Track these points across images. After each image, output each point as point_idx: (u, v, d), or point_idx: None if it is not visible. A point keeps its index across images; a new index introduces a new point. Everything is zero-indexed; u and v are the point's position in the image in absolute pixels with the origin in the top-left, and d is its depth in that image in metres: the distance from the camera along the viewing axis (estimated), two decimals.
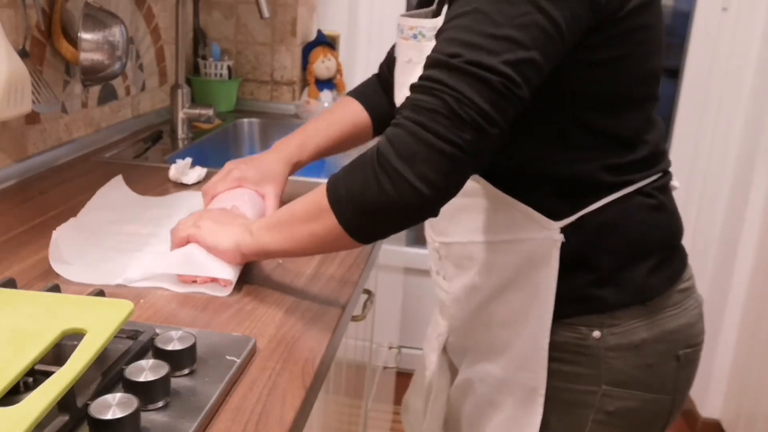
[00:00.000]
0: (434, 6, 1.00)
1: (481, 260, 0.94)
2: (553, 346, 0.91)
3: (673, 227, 0.96)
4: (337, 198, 0.80)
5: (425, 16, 0.98)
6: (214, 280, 0.93)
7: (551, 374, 0.92)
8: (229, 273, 0.93)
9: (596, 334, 0.90)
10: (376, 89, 1.24)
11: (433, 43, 0.91)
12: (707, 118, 2.20)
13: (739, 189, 2.20)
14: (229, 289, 0.93)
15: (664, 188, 0.94)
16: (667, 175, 0.95)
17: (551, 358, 0.92)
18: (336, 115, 1.22)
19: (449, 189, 0.77)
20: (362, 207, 0.78)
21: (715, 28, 2.14)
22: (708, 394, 2.29)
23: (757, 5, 2.09)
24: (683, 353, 0.95)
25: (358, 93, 1.24)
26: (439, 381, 1.10)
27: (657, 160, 0.93)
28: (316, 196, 0.83)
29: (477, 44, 0.74)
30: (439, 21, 0.90)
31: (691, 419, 2.37)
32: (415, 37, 0.93)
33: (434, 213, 0.79)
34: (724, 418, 2.27)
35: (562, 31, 0.76)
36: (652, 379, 0.93)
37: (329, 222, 0.80)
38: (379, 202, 0.76)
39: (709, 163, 2.24)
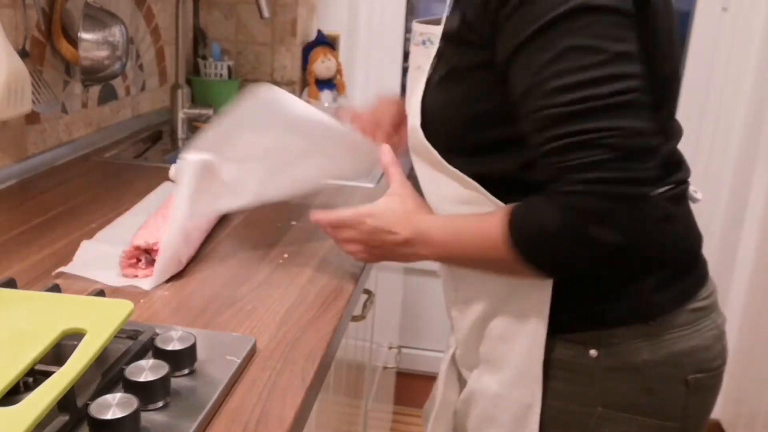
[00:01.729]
0: (447, 12, 0.98)
1: (479, 273, 0.91)
2: (549, 363, 0.87)
3: (686, 241, 0.91)
4: (535, 264, 0.80)
5: (437, 23, 0.97)
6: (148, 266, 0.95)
7: (548, 392, 0.88)
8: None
9: (593, 352, 0.86)
10: None
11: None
12: (707, 118, 2.20)
13: (739, 189, 2.20)
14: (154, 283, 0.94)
15: (677, 199, 0.89)
16: (682, 185, 0.90)
17: (548, 376, 0.88)
18: None
19: (647, 225, 0.76)
20: (566, 272, 0.82)
21: (715, 28, 2.14)
22: None
23: (757, 5, 2.09)
24: (693, 378, 0.88)
25: None
26: (445, 394, 1.08)
27: (671, 168, 0.88)
28: (497, 253, 0.81)
29: (599, 77, 0.71)
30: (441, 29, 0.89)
31: None
32: (424, 43, 0.92)
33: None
34: (724, 418, 2.27)
35: (633, 20, 0.75)
36: (654, 404, 0.88)
37: (520, 271, 0.81)
38: (586, 266, 0.80)
39: (709, 163, 2.24)
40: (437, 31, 0.90)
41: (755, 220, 2.17)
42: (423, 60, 0.92)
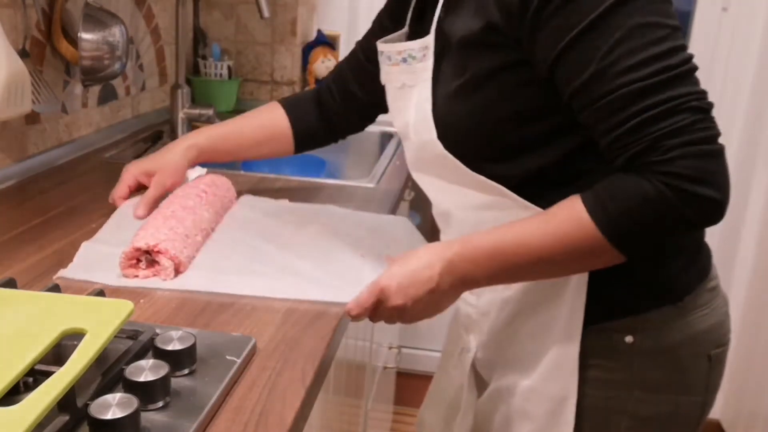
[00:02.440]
0: (405, 28, 0.99)
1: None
2: (585, 353, 0.89)
3: None
4: (630, 245, 0.78)
5: (401, 39, 0.97)
6: (155, 271, 0.95)
7: (585, 382, 0.90)
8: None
9: (629, 338, 0.88)
10: (310, 105, 1.23)
11: (424, 63, 0.90)
12: None
13: (739, 189, 2.19)
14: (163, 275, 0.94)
15: None
16: None
17: (584, 366, 0.90)
18: (255, 118, 1.22)
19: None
20: (662, 239, 0.82)
21: (715, 28, 2.14)
22: None
23: (757, 5, 2.09)
24: (714, 353, 0.93)
25: (290, 104, 1.23)
26: (468, 398, 1.08)
27: None
28: (587, 247, 0.79)
29: (666, 50, 0.75)
30: (429, 41, 0.89)
31: None
32: (405, 60, 0.92)
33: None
34: (724, 418, 2.27)
35: None
36: (685, 381, 0.92)
37: (611, 257, 0.80)
38: (684, 232, 0.81)
39: None
40: (416, 45, 0.91)
41: (755, 220, 2.17)
42: (407, 77, 0.93)
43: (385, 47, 0.96)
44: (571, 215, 0.79)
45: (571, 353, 0.89)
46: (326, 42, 2.12)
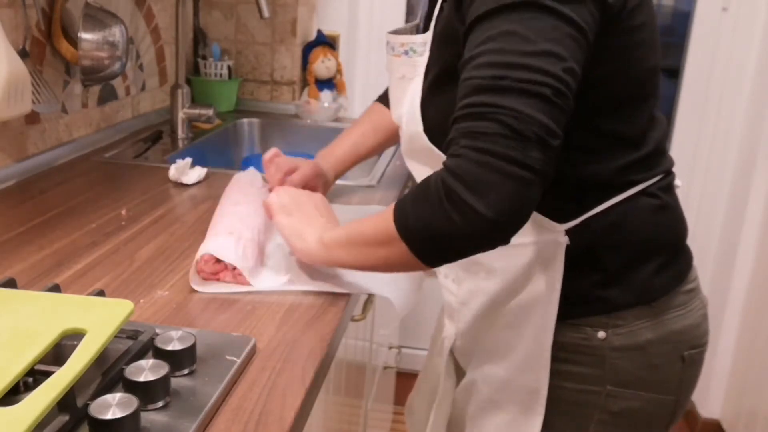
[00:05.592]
0: (418, 21, 1.01)
1: (487, 264, 0.94)
2: (558, 346, 0.92)
3: (678, 228, 0.96)
4: (406, 229, 0.79)
5: (411, 31, 0.99)
6: (234, 276, 0.94)
7: (556, 374, 0.92)
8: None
9: (601, 334, 0.91)
10: None
11: (423, 58, 0.94)
12: (707, 118, 2.20)
13: (739, 189, 2.20)
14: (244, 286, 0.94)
15: (668, 188, 0.94)
16: (670, 175, 0.95)
17: (556, 359, 0.92)
18: (376, 123, 1.30)
19: (522, 215, 0.75)
20: (433, 240, 0.78)
21: (715, 28, 2.14)
22: (708, 394, 2.29)
23: (757, 5, 2.09)
24: (688, 354, 0.95)
25: (386, 98, 1.29)
26: (445, 384, 1.10)
27: (660, 158, 0.93)
28: (385, 222, 0.82)
29: (519, 63, 0.74)
30: (429, 36, 0.92)
31: (691, 419, 2.37)
32: (406, 53, 0.95)
33: (506, 241, 0.77)
34: (724, 418, 2.27)
35: (587, 36, 0.77)
36: (656, 379, 0.94)
37: (401, 249, 0.80)
38: (450, 235, 0.76)
39: (709, 162, 2.24)
40: (419, 39, 0.94)
41: (755, 220, 2.17)
42: (407, 69, 0.96)
43: (390, 38, 0.98)
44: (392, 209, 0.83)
45: (544, 346, 0.91)
46: (326, 42, 2.11)
